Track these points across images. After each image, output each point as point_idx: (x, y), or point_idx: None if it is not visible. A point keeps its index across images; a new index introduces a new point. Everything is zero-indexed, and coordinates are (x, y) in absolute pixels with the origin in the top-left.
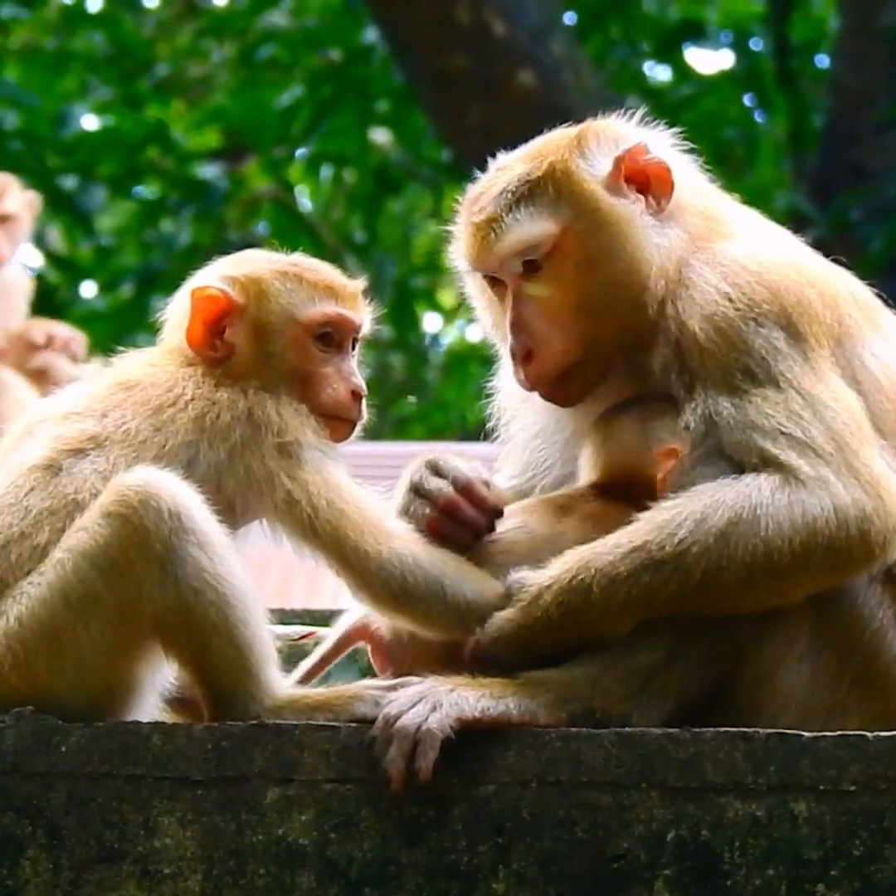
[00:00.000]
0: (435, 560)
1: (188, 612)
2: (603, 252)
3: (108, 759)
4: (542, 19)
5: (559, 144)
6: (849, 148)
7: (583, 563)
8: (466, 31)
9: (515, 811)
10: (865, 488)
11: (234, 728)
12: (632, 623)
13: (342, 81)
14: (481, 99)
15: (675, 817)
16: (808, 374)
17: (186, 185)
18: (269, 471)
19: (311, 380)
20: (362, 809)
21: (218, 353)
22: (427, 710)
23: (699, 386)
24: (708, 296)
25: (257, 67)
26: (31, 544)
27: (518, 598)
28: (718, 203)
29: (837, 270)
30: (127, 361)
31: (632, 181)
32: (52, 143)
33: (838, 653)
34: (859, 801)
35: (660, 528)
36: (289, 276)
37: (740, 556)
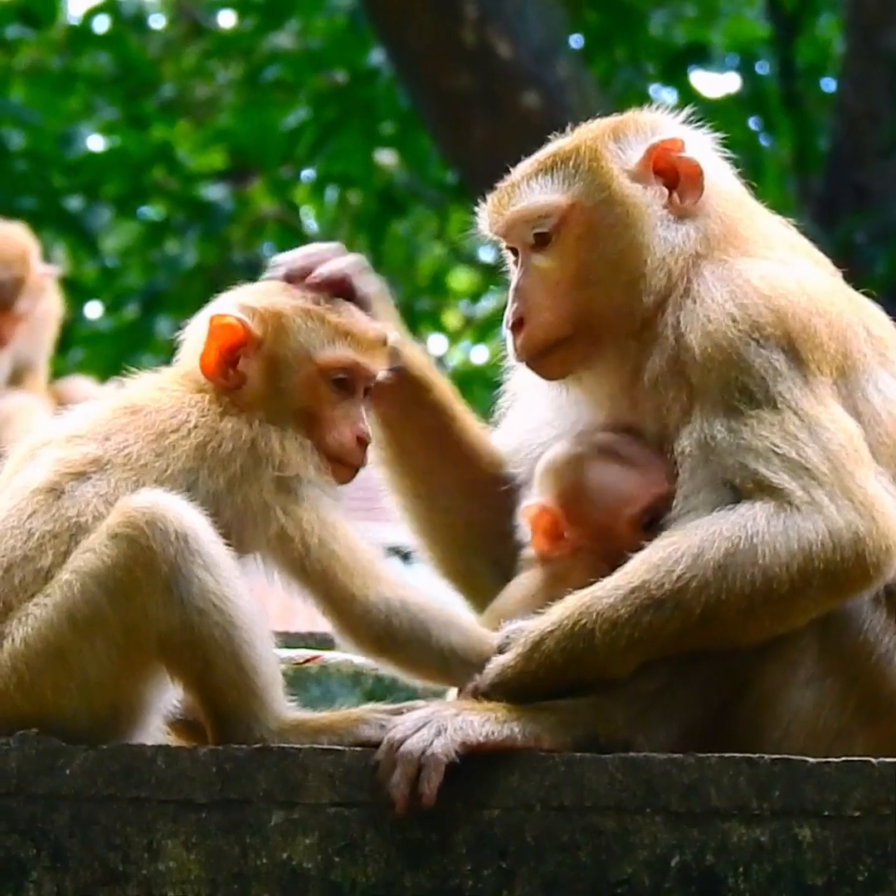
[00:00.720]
0: (423, 605)
1: (193, 633)
2: (606, 231)
3: (112, 781)
4: (547, 41)
5: (599, 126)
6: (854, 170)
7: (583, 608)
8: (471, 52)
9: (519, 835)
10: (859, 510)
11: (239, 751)
12: (635, 664)
13: (347, 103)
14: (486, 120)
15: (679, 842)
16: (808, 396)
17: (191, 206)
18: (265, 504)
19: (318, 420)
20: (366, 833)
21: (229, 382)
22: (432, 734)
23: (697, 406)
24: (713, 314)
25: (263, 88)
26: (34, 567)
27: (518, 645)
28: (746, 216)
29: (859, 303)
30: (135, 384)
31: (661, 174)
32: (57, 163)
33: (843, 678)
34: (863, 826)
35: (657, 566)
36: (311, 315)
37: (739, 587)
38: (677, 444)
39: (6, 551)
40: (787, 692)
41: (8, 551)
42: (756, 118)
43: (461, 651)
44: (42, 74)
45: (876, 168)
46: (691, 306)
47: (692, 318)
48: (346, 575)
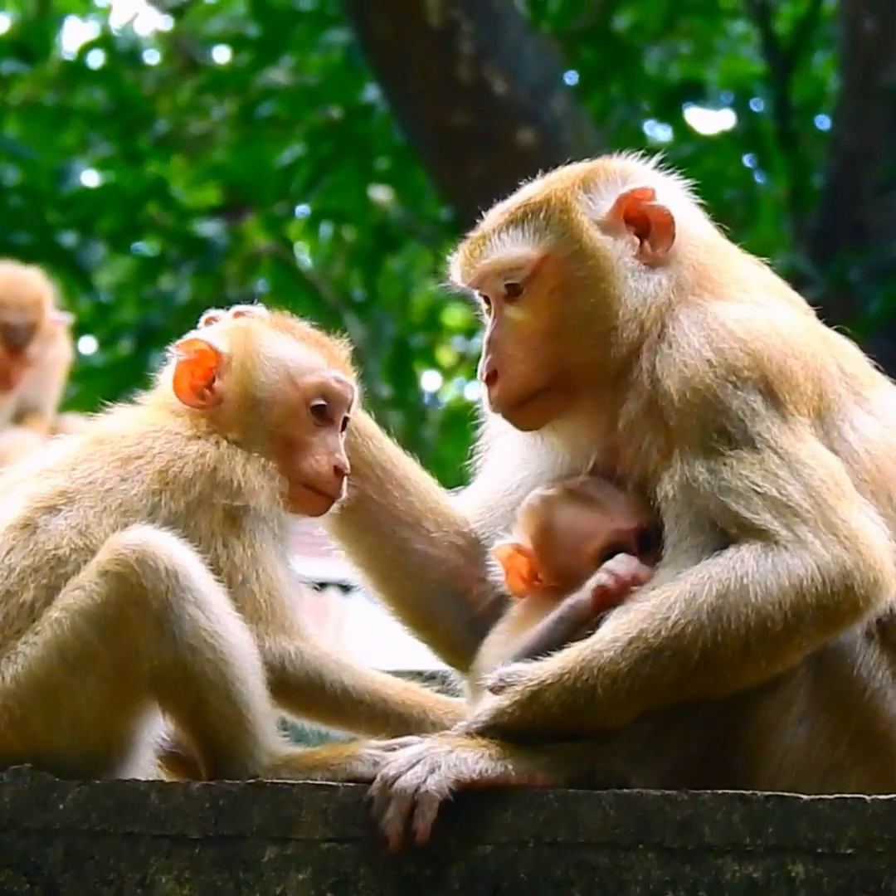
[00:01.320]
0: (317, 654)
1: (185, 670)
2: (577, 283)
3: (105, 816)
4: (542, 77)
5: (569, 175)
6: (849, 208)
7: (584, 662)
8: (467, 88)
9: (513, 871)
10: (844, 543)
11: (232, 786)
12: (634, 715)
13: (342, 139)
14: (482, 157)
15: (673, 878)
16: (786, 434)
17: (186, 242)
18: (211, 532)
19: (294, 445)
20: (360, 868)
21: (206, 402)
22: (425, 771)
23: (677, 449)
24: (689, 359)
25: (258, 124)
26: (17, 602)
27: (516, 693)
28: (719, 260)
29: (833, 341)
30: (106, 417)
31: (632, 223)
32: (51, 198)
33: (836, 714)
34: (857, 863)
35: (652, 614)
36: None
37: (735, 629)
38: (660, 489)
39: None
40: (781, 729)
41: None
42: (751, 155)
43: (354, 693)
44: (37, 109)
45: (871, 206)
46: (667, 351)
47: (669, 364)
48: (254, 617)
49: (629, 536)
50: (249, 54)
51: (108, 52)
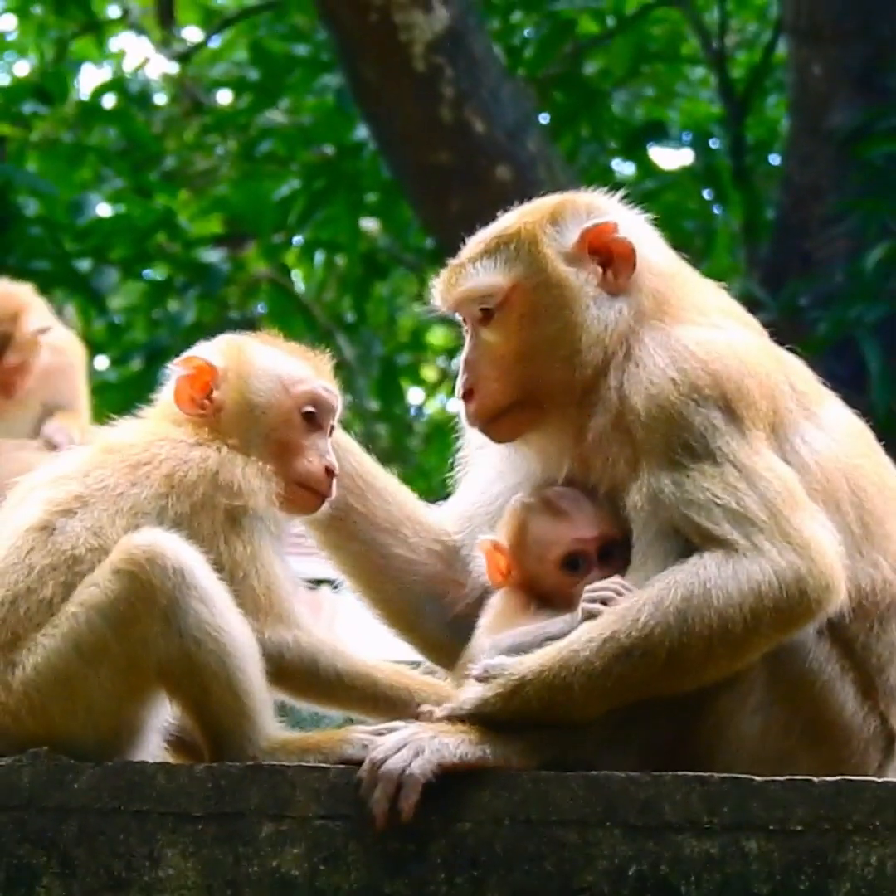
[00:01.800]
0: (313, 642)
1: (190, 661)
2: (543, 311)
3: (116, 795)
4: (518, 119)
5: (540, 208)
6: (798, 239)
7: (563, 661)
8: (449, 129)
9: (490, 847)
10: (798, 551)
11: (233, 768)
12: (604, 711)
13: (335, 175)
14: (462, 192)
15: (636, 854)
16: (744, 448)
17: (191, 268)
18: (213, 531)
19: (288, 447)
20: (349, 844)
21: (206, 411)
22: (410, 755)
23: (644, 462)
24: (654, 377)
25: (257, 161)
26: (37, 598)
27: (499, 686)
28: (679, 286)
29: (785, 361)
30: (114, 428)
31: (596, 254)
32: (68, 228)
33: (789, 705)
34: (805, 839)
35: (623, 616)
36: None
37: (699, 630)
38: (629, 500)
39: (10, 585)
40: (738, 719)
41: (12, 585)
42: (709, 190)
43: (346, 678)
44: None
45: (818, 237)
46: (634, 370)
47: (635, 381)
48: (253, 610)
49: (590, 545)
50: (250, 97)
51: (120, 94)
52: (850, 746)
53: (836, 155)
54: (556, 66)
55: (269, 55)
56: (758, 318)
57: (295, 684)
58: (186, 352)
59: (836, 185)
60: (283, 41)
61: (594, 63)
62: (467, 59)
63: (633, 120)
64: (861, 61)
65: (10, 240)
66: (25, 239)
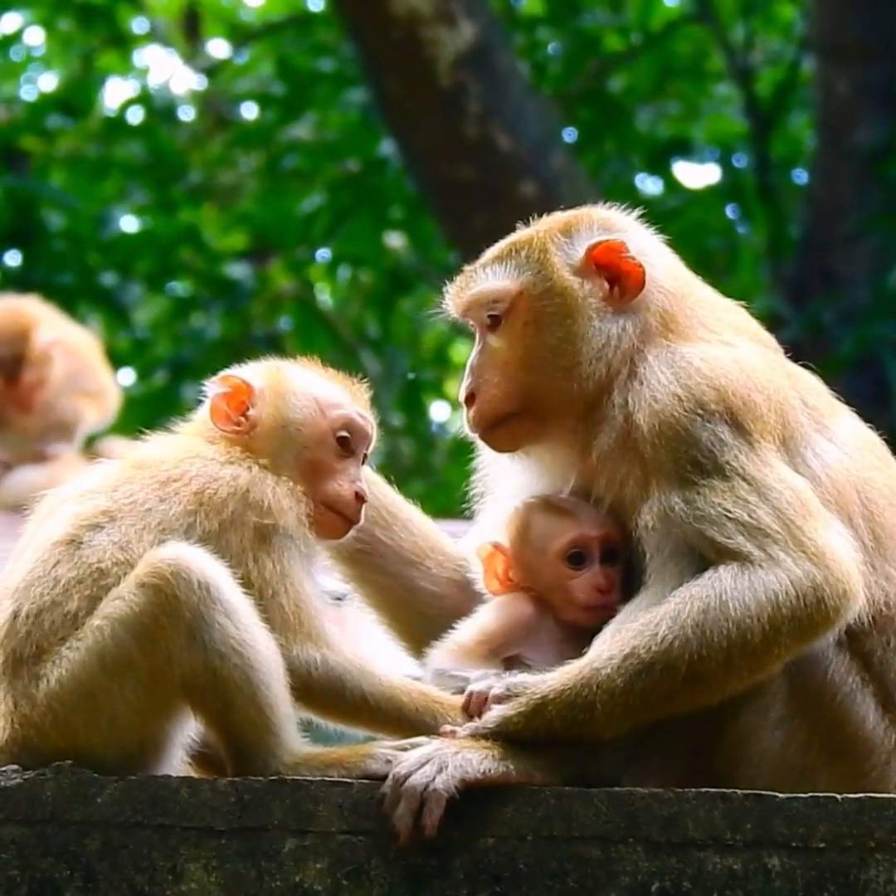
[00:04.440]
0: (341, 661)
1: (214, 675)
2: (547, 318)
3: (139, 809)
4: (542, 135)
5: (554, 220)
6: (822, 256)
7: (584, 680)
8: (473, 144)
9: (512, 862)
10: (813, 560)
11: (256, 783)
12: (627, 729)
13: (359, 190)
14: (486, 207)
15: (659, 870)
16: (753, 461)
17: (215, 283)
18: (242, 548)
19: (320, 469)
20: (372, 859)
21: (242, 429)
22: (434, 770)
23: (654, 480)
24: (659, 395)
25: (282, 176)
26: (62, 611)
27: (520, 704)
28: (689, 306)
29: (796, 376)
30: (144, 444)
31: (604, 270)
32: (93, 242)
33: (809, 719)
34: (828, 856)
35: (642, 632)
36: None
37: (717, 642)
38: (640, 520)
39: (35, 598)
40: (759, 733)
41: (37, 598)
42: (733, 207)
43: (372, 700)
44: (80, 161)
45: (842, 254)
46: (638, 388)
47: (640, 399)
48: (282, 627)
49: (593, 542)
50: (275, 112)
51: (146, 108)
52: (870, 760)
53: (860, 172)
54: (580, 83)
55: (294, 70)
56: (781, 336)
57: (320, 703)
58: (224, 371)
59: (860, 203)
60: (308, 56)
61: (619, 79)
62: (492, 75)
63: (657, 137)
64: (886, 79)
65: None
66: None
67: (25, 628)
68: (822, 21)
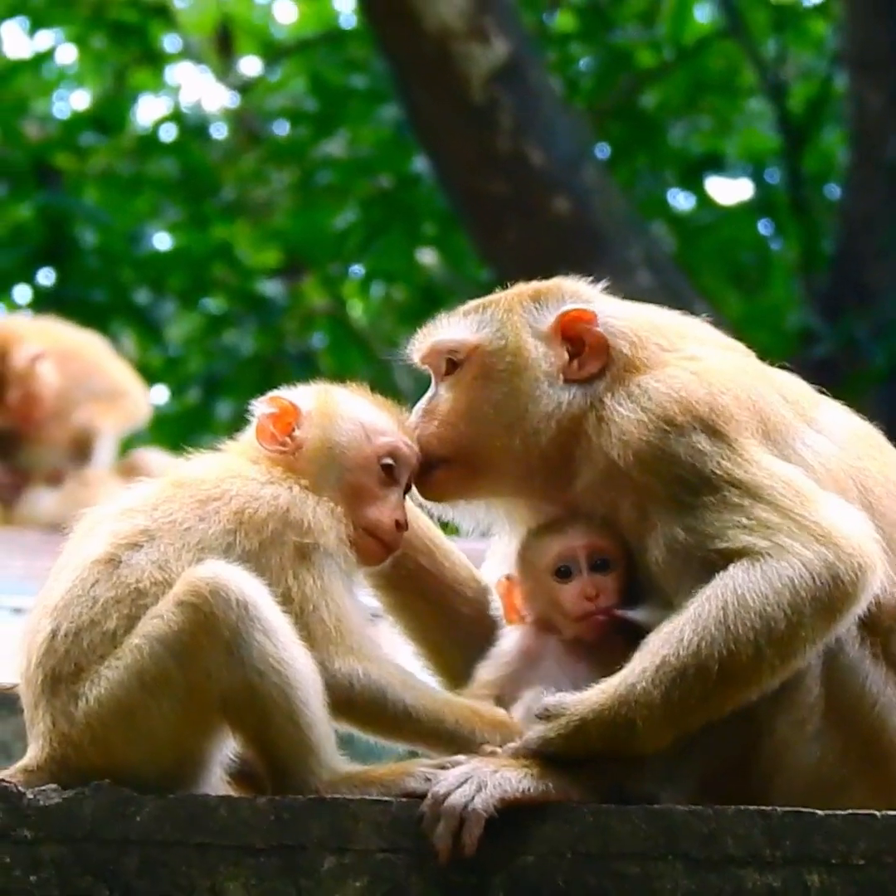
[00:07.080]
0: (384, 674)
1: (253, 693)
2: (496, 375)
3: (178, 827)
4: (575, 150)
5: (529, 286)
6: (855, 271)
7: (621, 697)
8: (506, 159)
9: (551, 880)
10: (821, 540)
11: (295, 801)
12: (668, 741)
13: (392, 206)
14: (518, 223)
15: (699, 887)
16: (737, 462)
17: (248, 300)
18: (282, 566)
19: (362, 494)
20: (411, 877)
21: (287, 449)
22: (473, 790)
23: (650, 508)
24: (625, 426)
25: (314, 192)
26: (100, 630)
27: (560, 725)
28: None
29: (771, 375)
30: (185, 462)
31: (569, 341)
32: (126, 259)
33: (846, 731)
34: (867, 873)
35: (667, 640)
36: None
37: (743, 635)
38: (649, 555)
39: (74, 618)
40: (796, 747)
41: (76, 618)
42: (766, 222)
43: (413, 713)
44: (113, 178)
45: (875, 268)
46: (606, 428)
47: (610, 438)
48: (324, 641)
49: (579, 552)
50: (307, 128)
51: (178, 126)
52: None
53: (893, 185)
54: (613, 98)
55: (326, 86)
56: (815, 350)
57: (363, 716)
58: (272, 391)
59: (893, 216)
60: (340, 72)
61: (651, 95)
62: (524, 90)
63: (690, 152)
64: None
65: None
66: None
67: (64, 647)
68: (855, 35)
